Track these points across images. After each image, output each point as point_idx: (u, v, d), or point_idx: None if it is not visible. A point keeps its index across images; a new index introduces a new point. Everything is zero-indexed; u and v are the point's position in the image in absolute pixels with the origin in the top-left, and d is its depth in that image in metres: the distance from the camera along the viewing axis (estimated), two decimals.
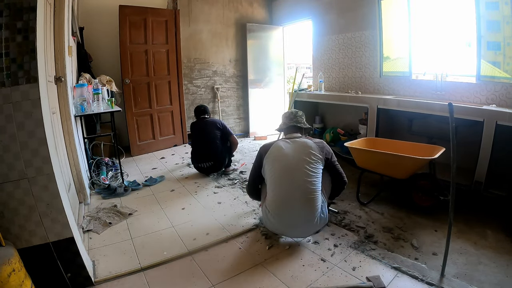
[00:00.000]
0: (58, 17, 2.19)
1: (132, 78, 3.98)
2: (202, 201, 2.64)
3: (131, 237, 2.06)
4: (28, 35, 1.32)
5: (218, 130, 3.27)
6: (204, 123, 3.35)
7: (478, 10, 2.63)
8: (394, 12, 3.40)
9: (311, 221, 1.81)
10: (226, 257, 1.84)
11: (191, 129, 3.46)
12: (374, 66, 3.72)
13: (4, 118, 1.29)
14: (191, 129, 3.48)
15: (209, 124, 3.31)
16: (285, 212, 1.82)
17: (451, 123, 1.51)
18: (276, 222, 1.86)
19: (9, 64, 1.29)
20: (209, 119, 3.41)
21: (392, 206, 2.45)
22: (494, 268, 1.66)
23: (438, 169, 2.34)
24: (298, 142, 1.97)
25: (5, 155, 1.30)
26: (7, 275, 1.14)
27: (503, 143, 2.29)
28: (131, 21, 3.85)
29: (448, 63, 3.06)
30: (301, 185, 1.80)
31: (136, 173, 3.42)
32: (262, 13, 5.33)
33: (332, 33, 4.20)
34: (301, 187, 1.80)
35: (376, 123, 3.23)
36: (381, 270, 1.66)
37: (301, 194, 1.80)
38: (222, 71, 5.08)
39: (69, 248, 1.47)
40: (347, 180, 2.12)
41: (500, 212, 2.22)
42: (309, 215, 1.80)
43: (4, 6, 1.28)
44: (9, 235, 1.32)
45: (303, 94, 4.24)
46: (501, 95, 2.62)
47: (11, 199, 1.33)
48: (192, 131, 3.45)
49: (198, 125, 3.39)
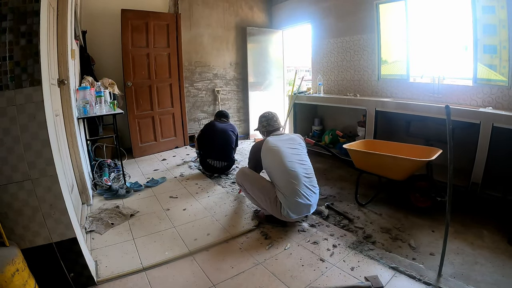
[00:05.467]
0: (61, 21, 2.21)
1: (134, 81, 4.02)
2: (203, 202, 2.67)
3: (133, 238, 2.08)
4: (32, 38, 1.34)
5: (234, 135, 3.41)
6: (223, 124, 3.45)
7: (474, 14, 2.66)
8: (392, 16, 3.44)
9: (315, 192, 2.16)
10: (227, 257, 1.86)
11: (207, 127, 3.45)
12: (372, 69, 3.75)
13: (8, 120, 1.30)
14: (206, 127, 3.46)
15: (228, 127, 3.42)
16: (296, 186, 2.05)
17: (448, 125, 1.54)
18: (293, 202, 2.03)
19: (13, 67, 1.31)
20: (227, 123, 3.55)
21: (390, 207, 2.47)
22: (490, 268, 1.68)
23: (435, 170, 2.36)
24: (286, 135, 2.37)
25: (9, 157, 1.32)
26: (11, 274, 1.16)
27: (499, 145, 2.32)
28: (133, 25, 3.90)
29: (445, 66, 3.10)
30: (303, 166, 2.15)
31: (138, 174, 3.44)
32: (262, 17, 5.38)
33: (331, 37, 4.24)
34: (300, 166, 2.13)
35: (374, 125, 3.26)
36: (379, 270, 1.68)
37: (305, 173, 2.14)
38: (222, 74, 5.12)
39: (72, 248, 1.49)
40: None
41: (496, 213, 2.24)
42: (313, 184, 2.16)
43: (8, 10, 1.29)
44: (13, 236, 1.34)
45: (303, 97, 4.27)
46: (497, 98, 2.65)
47: (15, 200, 1.34)
48: (208, 128, 3.42)
49: (217, 125, 3.41)
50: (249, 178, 2.28)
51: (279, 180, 2.08)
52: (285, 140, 2.25)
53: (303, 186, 2.07)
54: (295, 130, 4.50)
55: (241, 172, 2.38)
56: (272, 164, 2.13)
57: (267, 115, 2.49)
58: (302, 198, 2.04)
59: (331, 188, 2.92)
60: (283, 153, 2.12)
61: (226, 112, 3.73)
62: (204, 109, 5.03)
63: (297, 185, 2.05)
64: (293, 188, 2.04)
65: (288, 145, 2.22)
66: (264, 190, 2.14)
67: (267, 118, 2.47)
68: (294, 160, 2.13)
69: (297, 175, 2.07)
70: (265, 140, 2.25)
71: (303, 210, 2.09)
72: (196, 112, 4.96)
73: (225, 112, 3.72)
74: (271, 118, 2.46)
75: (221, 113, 3.69)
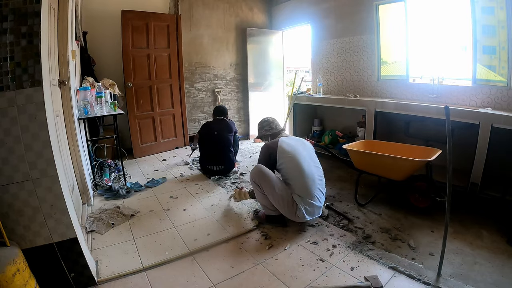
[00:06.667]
0: (61, 21, 2.22)
1: (134, 81, 4.03)
2: (203, 202, 2.67)
3: (133, 238, 2.09)
4: (33, 39, 1.34)
5: (230, 134, 3.32)
6: (218, 126, 3.33)
7: (474, 15, 2.67)
8: (392, 17, 3.45)
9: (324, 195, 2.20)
10: (227, 257, 1.86)
11: (203, 129, 3.38)
12: (372, 69, 3.76)
13: (9, 121, 1.31)
14: (202, 129, 3.40)
15: (223, 128, 3.32)
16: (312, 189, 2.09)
17: (448, 125, 1.54)
18: (309, 203, 2.06)
19: (14, 68, 1.31)
20: (224, 122, 3.40)
21: (390, 207, 2.47)
22: (489, 268, 1.69)
23: (434, 170, 2.36)
24: (295, 138, 2.36)
25: (10, 157, 1.32)
26: (11, 274, 1.16)
27: (498, 145, 2.32)
28: (133, 26, 3.91)
29: (445, 66, 3.10)
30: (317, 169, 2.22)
31: (138, 174, 3.45)
32: (262, 17, 5.40)
33: (331, 38, 4.25)
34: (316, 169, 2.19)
35: (374, 126, 3.26)
36: (378, 270, 1.69)
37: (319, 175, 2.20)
38: (222, 74, 5.13)
39: (73, 248, 1.49)
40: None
41: (495, 213, 2.25)
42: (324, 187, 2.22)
43: (9, 11, 1.30)
44: (14, 236, 1.34)
45: (302, 97, 4.28)
46: (496, 98, 2.66)
47: (15, 200, 1.35)
48: (204, 131, 3.36)
49: (211, 127, 3.33)
50: (268, 178, 2.10)
51: (295, 181, 2.08)
52: (297, 142, 2.28)
53: (317, 188, 2.12)
54: (295, 130, 4.51)
55: (257, 171, 2.15)
56: (289, 164, 2.12)
57: (268, 119, 2.51)
58: (315, 200, 2.09)
59: (331, 189, 2.93)
60: (300, 155, 2.14)
61: (223, 107, 3.58)
62: (204, 110, 5.04)
63: (313, 187, 2.09)
64: (309, 190, 2.07)
65: (302, 147, 2.24)
66: (283, 191, 2.07)
67: (269, 122, 2.48)
68: (310, 162, 2.17)
69: (314, 178, 2.11)
70: (279, 140, 2.23)
71: (315, 212, 2.13)
72: (197, 113, 4.97)
73: (221, 107, 3.57)
74: (272, 122, 2.48)
75: (218, 109, 3.55)
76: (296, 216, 2.06)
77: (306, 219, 2.09)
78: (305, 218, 2.07)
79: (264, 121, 2.51)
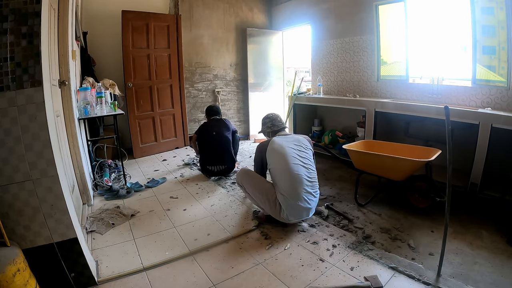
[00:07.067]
0: (62, 22, 2.22)
1: (134, 81, 4.03)
2: (203, 202, 2.67)
3: (133, 238, 2.09)
4: (33, 39, 1.34)
5: (229, 132, 3.31)
6: (216, 126, 3.33)
7: (473, 15, 2.67)
8: (391, 17, 3.45)
9: (316, 196, 2.15)
10: (227, 257, 1.86)
11: (201, 130, 3.36)
12: (372, 70, 3.76)
13: (9, 121, 1.31)
14: (201, 130, 3.38)
15: (222, 128, 3.31)
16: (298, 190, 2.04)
17: (447, 125, 1.55)
18: (294, 204, 2.03)
19: (14, 68, 1.31)
20: (221, 122, 3.40)
21: (390, 207, 2.47)
22: (489, 268, 1.69)
23: (434, 171, 2.37)
24: (292, 136, 2.31)
25: (10, 157, 1.32)
26: (12, 274, 1.16)
27: (498, 145, 2.32)
28: (133, 26, 3.91)
29: (444, 67, 3.10)
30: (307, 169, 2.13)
31: (139, 174, 3.45)
32: (262, 18, 5.40)
33: (331, 38, 4.25)
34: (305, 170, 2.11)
35: (374, 126, 3.26)
36: (378, 270, 1.69)
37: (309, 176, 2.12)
38: (222, 75, 5.14)
39: (73, 248, 1.50)
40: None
41: (495, 213, 2.25)
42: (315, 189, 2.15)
43: (9, 12, 1.30)
44: (14, 236, 1.34)
45: (302, 98, 4.28)
46: (496, 99, 2.66)
47: (16, 201, 1.35)
48: (203, 132, 3.34)
49: (210, 128, 3.33)
50: (249, 178, 2.28)
51: (281, 181, 2.07)
52: (291, 141, 2.23)
53: (305, 190, 2.06)
54: (295, 130, 4.50)
55: (241, 172, 2.38)
56: (276, 164, 2.12)
57: (270, 116, 2.49)
58: (303, 202, 2.04)
59: (331, 189, 2.93)
60: (288, 154, 2.11)
61: (217, 107, 3.58)
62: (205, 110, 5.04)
63: (299, 188, 2.04)
64: (295, 191, 2.03)
65: (294, 146, 2.19)
66: (263, 191, 2.14)
67: (271, 119, 2.47)
68: (298, 162, 2.11)
69: (300, 179, 2.06)
70: (271, 139, 2.24)
71: (302, 214, 2.09)
72: (197, 113, 4.98)
73: (215, 107, 3.57)
74: (275, 119, 2.47)
75: (212, 110, 3.52)
76: (281, 217, 2.07)
77: (290, 220, 2.08)
78: (289, 219, 2.06)
79: (267, 117, 2.51)
